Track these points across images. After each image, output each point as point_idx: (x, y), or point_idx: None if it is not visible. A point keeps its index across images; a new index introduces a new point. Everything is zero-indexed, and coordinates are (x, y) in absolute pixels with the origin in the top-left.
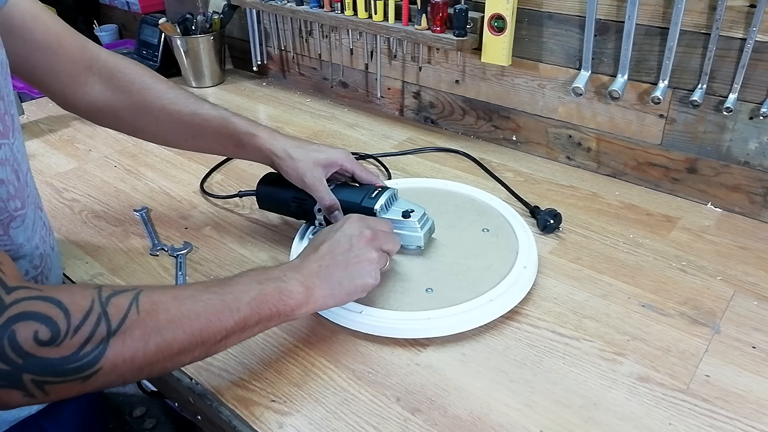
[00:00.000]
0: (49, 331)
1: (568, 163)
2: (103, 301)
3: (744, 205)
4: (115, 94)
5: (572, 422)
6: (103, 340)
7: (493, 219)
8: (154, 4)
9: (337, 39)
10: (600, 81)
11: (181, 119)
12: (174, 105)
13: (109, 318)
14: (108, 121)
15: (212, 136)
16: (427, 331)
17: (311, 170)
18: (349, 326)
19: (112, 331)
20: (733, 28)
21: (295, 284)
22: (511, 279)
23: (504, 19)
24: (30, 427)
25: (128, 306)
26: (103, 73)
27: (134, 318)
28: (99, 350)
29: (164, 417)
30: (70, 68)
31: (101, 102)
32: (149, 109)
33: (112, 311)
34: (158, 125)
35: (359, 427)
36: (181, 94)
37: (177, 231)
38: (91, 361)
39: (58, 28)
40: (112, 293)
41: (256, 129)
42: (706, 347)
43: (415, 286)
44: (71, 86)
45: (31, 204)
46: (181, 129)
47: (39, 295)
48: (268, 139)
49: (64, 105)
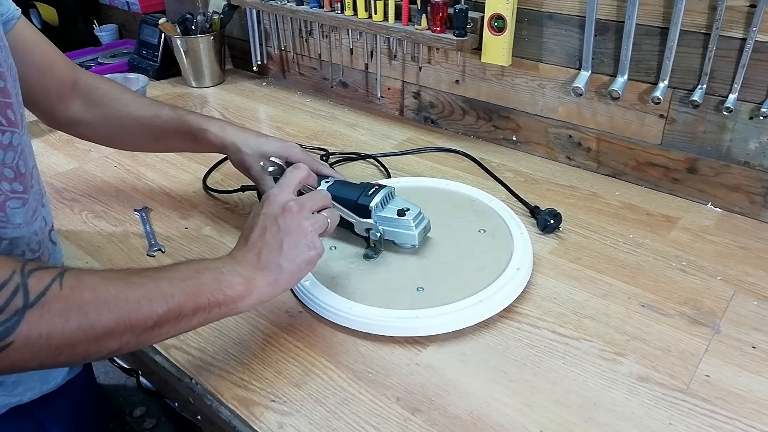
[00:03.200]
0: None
1: (568, 163)
2: (25, 273)
3: (744, 205)
4: (90, 108)
5: (572, 422)
6: (18, 312)
7: (490, 220)
8: (154, 4)
9: (337, 39)
10: (600, 81)
11: (145, 123)
12: (138, 111)
13: (28, 290)
14: (84, 133)
15: (172, 136)
16: (414, 330)
17: (257, 162)
18: (337, 321)
19: (29, 303)
20: (733, 28)
21: (233, 276)
22: (502, 280)
23: (504, 19)
24: (23, 416)
25: (51, 281)
26: (82, 91)
27: (56, 293)
28: (12, 323)
29: (164, 417)
30: (60, 87)
31: (79, 116)
32: (117, 117)
33: (33, 283)
34: (125, 132)
35: (359, 427)
36: (144, 101)
37: (177, 231)
38: (1, 333)
39: (52, 51)
40: (36, 268)
41: (207, 124)
42: (706, 347)
43: (406, 285)
44: (58, 103)
45: (34, 194)
46: (145, 133)
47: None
48: (218, 134)
49: (49, 121)
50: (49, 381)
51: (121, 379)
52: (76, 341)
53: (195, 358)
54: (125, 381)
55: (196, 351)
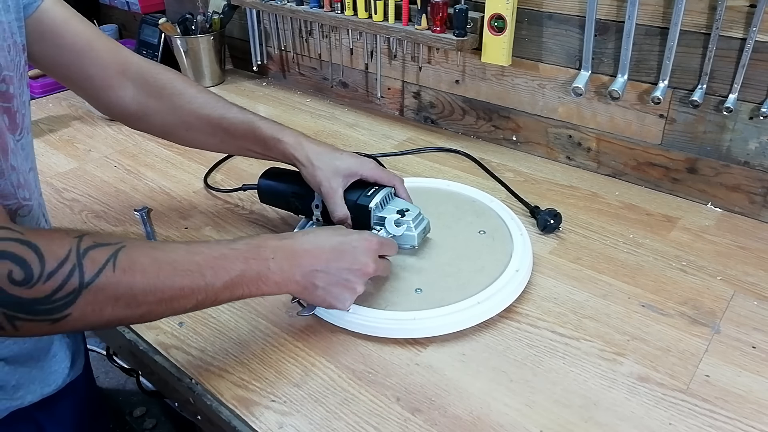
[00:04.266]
0: (22, 273)
1: (568, 163)
2: (81, 253)
3: (744, 205)
4: (146, 99)
5: (572, 422)
6: (75, 291)
7: (490, 221)
8: (154, 4)
9: (337, 39)
10: (600, 81)
11: (210, 123)
12: (203, 110)
13: (84, 270)
14: (139, 124)
15: (240, 140)
16: (411, 332)
17: (329, 180)
18: (334, 322)
19: (84, 283)
20: (733, 28)
21: (276, 273)
22: (501, 282)
23: (504, 19)
24: (24, 420)
25: (105, 261)
26: (136, 79)
27: (109, 275)
28: (69, 299)
29: (164, 417)
30: (102, 72)
31: (133, 106)
32: (179, 113)
33: (88, 264)
34: (188, 129)
35: (359, 427)
36: (210, 99)
37: (177, 231)
38: (60, 307)
39: (88, 33)
40: (91, 245)
41: (281, 134)
42: (706, 347)
43: (404, 286)
44: (104, 90)
45: (35, 200)
46: (209, 133)
47: (18, 237)
48: (293, 145)
49: (98, 107)
50: (49, 384)
51: (121, 379)
52: (123, 316)
53: (195, 358)
54: (125, 381)
55: (196, 351)
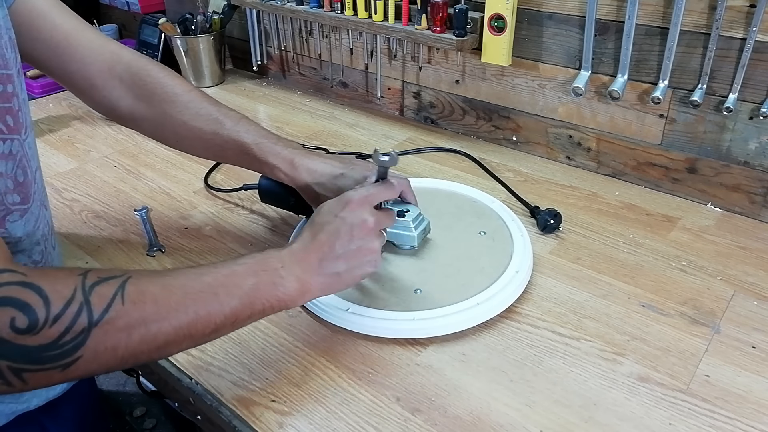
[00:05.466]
0: (26, 320)
1: (568, 163)
2: (87, 290)
3: (744, 205)
4: (136, 101)
5: (572, 422)
6: (84, 330)
7: (491, 221)
8: (154, 4)
9: (337, 39)
10: (600, 81)
11: (202, 138)
12: (194, 122)
13: (92, 307)
14: (130, 125)
15: (233, 158)
16: (410, 332)
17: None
18: (334, 322)
19: (93, 321)
20: (733, 28)
21: (291, 279)
22: (501, 283)
23: (504, 19)
24: (29, 423)
25: (113, 295)
26: (125, 78)
27: (119, 308)
28: (79, 340)
29: (164, 417)
30: (84, 69)
31: (123, 108)
32: (170, 123)
33: (95, 300)
34: (179, 140)
35: (359, 427)
36: (202, 108)
37: (177, 231)
38: (69, 350)
39: (67, 27)
40: (97, 281)
41: (276, 159)
42: (706, 347)
43: (404, 286)
44: (88, 89)
45: (37, 201)
46: (201, 146)
47: (21, 280)
48: (289, 173)
49: (90, 105)
50: (55, 387)
51: (121, 379)
52: (139, 352)
53: (195, 358)
54: (125, 381)
55: (196, 351)
